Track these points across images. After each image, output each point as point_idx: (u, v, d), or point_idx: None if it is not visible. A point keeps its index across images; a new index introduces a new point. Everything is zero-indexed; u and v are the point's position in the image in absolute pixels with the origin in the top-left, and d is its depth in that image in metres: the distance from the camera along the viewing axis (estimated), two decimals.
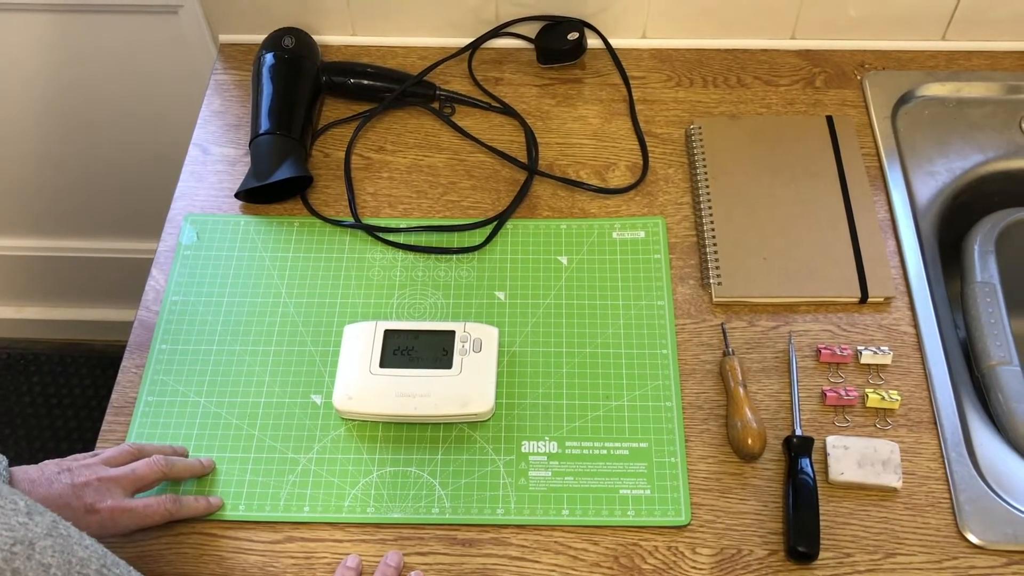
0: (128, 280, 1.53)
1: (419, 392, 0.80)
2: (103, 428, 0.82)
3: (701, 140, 0.97)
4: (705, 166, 0.95)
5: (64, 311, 1.77)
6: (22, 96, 1.30)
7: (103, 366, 1.81)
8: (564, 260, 0.90)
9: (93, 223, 1.54)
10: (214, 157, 0.99)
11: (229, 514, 0.77)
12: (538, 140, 0.99)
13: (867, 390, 0.82)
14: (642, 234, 0.92)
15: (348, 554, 0.75)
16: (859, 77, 1.03)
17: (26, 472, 0.69)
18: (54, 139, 1.37)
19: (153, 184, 1.38)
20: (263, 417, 0.82)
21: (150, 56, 1.21)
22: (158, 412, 0.82)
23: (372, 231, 0.92)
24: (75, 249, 1.60)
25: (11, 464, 0.67)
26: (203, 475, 0.79)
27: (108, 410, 0.83)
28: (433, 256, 0.91)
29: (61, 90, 1.28)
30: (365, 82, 1.02)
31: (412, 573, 0.73)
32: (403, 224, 0.93)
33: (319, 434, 0.81)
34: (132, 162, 1.40)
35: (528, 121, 1.00)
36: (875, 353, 0.83)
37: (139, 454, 0.76)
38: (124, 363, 0.86)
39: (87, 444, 0.99)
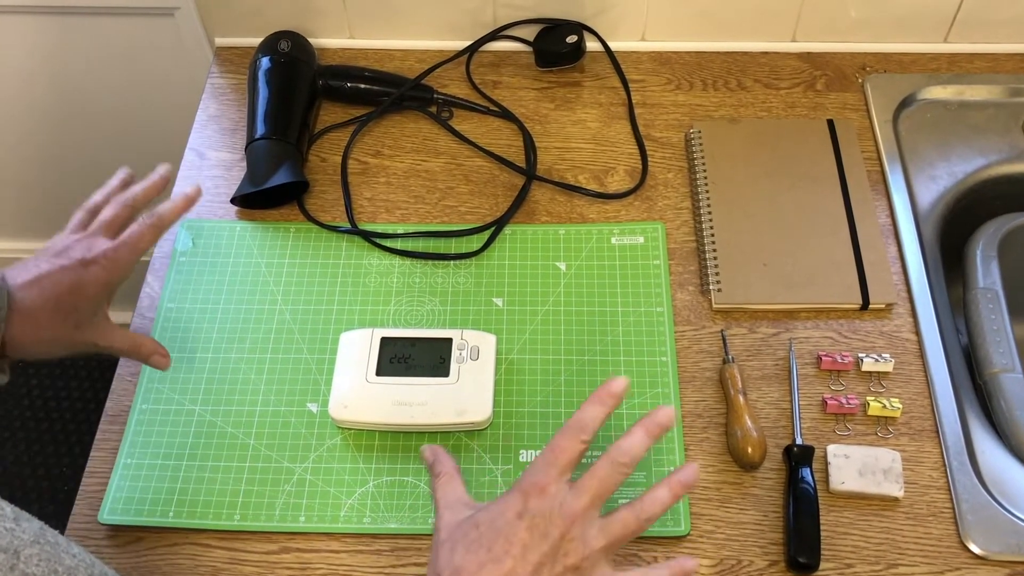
0: (127, 284, 1.52)
1: (416, 401, 0.79)
2: (98, 437, 0.81)
3: (701, 144, 0.96)
4: (705, 170, 0.94)
5: None
6: (17, 98, 1.29)
7: (102, 369, 1.80)
8: (562, 266, 0.90)
9: None
10: (210, 162, 0.98)
11: (224, 524, 0.76)
12: (536, 144, 0.98)
13: (868, 398, 0.81)
14: (641, 239, 0.91)
15: (344, 565, 0.74)
16: (860, 80, 1.02)
17: (14, 268, 0.70)
18: (50, 141, 1.36)
19: None
20: (259, 426, 0.81)
21: (146, 59, 1.21)
22: (153, 420, 0.81)
23: (369, 237, 0.92)
24: None
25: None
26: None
27: (103, 418, 0.82)
28: (430, 262, 0.90)
29: (57, 93, 1.28)
30: (362, 86, 1.01)
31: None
32: (400, 230, 0.92)
33: (315, 443, 0.80)
34: (131, 165, 1.39)
35: (526, 125, 1.00)
36: (876, 360, 0.82)
37: (96, 210, 0.77)
38: (119, 371, 0.85)
39: (84, 448, 0.98)
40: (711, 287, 0.87)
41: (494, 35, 1.05)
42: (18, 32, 1.19)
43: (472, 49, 1.05)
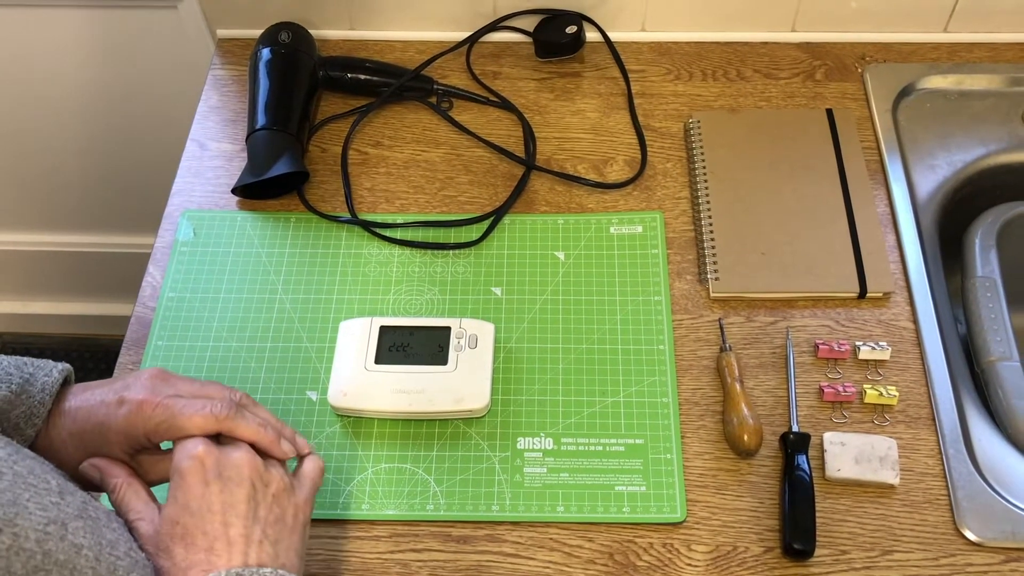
0: (133, 275, 1.53)
1: (414, 388, 0.80)
2: None
3: (700, 134, 0.97)
4: (704, 160, 0.95)
5: (70, 306, 1.78)
6: (21, 91, 1.30)
7: (109, 360, 1.81)
8: (561, 255, 0.90)
9: (98, 218, 1.55)
10: (211, 152, 0.99)
11: None
12: (536, 134, 0.98)
13: (865, 386, 0.81)
14: (640, 229, 0.92)
15: (342, 551, 0.75)
16: (860, 70, 1.02)
17: (81, 388, 0.65)
18: (54, 134, 1.37)
19: (155, 179, 1.38)
20: None
21: (149, 50, 1.21)
22: None
23: (369, 227, 0.92)
24: (81, 244, 1.61)
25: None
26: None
27: None
28: (430, 252, 0.91)
29: (61, 84, 1.28)
30: (362, 77, 1.01)
31: None
32: (400, 220, 0.93)
33: (314, 430, 0.81)
34: (134, 157, 1.40)
35: (526, 115, 1.00)
36: (873, 348, 0.83)
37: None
38: (120, 359, 0.86)
39: None
40: (709, 276, 0.87)
41: (494, 26, 1.05)
42: (22, 25, 1.20)
43: (472, 40, 1.06)
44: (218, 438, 0.62)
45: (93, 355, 1.82)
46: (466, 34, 1.06)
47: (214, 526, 0.57)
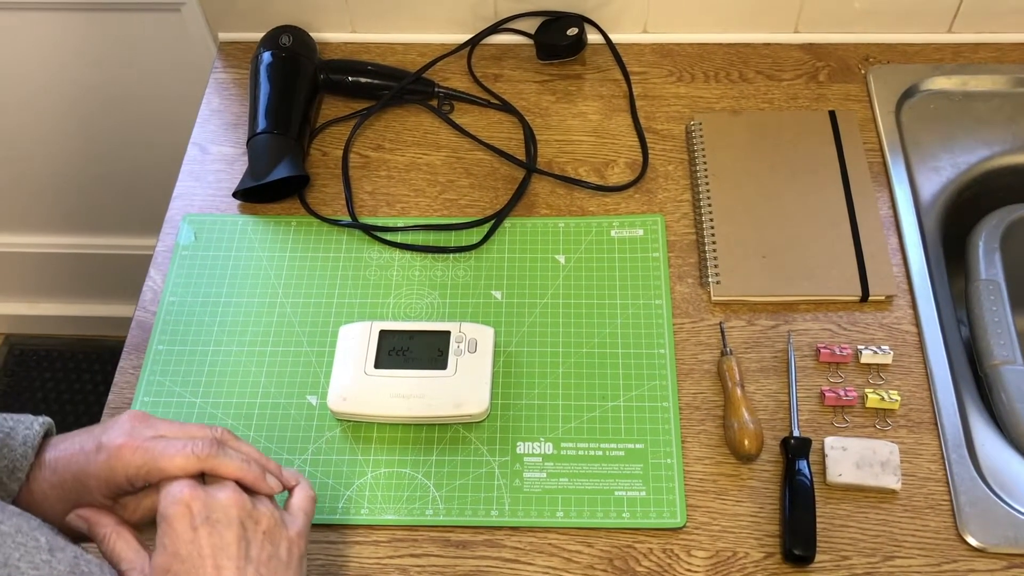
0: (138, 277, 1.53)
1: (414, 393, 0.79)
2: None
3: (701, 136, 0.96)
4: (705, 163, 0.94)
5: (76, 307, 1.78)
6: (25, 94, 1.30)
7: (114, 362, 1.81)
8: (562, 259, 0.90)
9: (102, 220, 1.55)
10: (212, 156, 0.99)
11: None
12: (537, 137, 0.98)
13: (867, 390, 0.81)
14: (641, 232, 0.91)
15: (341, 556, 0.75)
16: (863, 71, 1.02)
17: (61, 439, 0.64)
18: (57, 136, 1.37)
19: (158, 180, 1.38)
20: (259, 418, 0.82)
21: (152, 54, 1.21)
22: (154, 413, 0.82)
23: (369, 230, 0.92)
24: (86, 246, 1.61)
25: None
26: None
27: (104, 411, 0.83)
28: (430, 255, 0.91)
29: (63, 87, 1.29)
30: (363, 80, 1.01)
31: None
32: (400, 223, 0.93)
33: (314, 435, 0.81)
34: (136, 159, 1.40)
35: (527, 118, 1.00)
36: (875, 352, 0.82)
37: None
38: (121, 363, 0.86)
39: None
40: (710, 279, 0.87)
41: (495, 28, 1.05)
42: (25, 28, 1.20)
43: (473, 42, 1.05)
44: (203, 478, 0.61)
45: (99, 356, 1.82)
46: (467, 36, 1.05)
47: (206, 571, 0.56)
